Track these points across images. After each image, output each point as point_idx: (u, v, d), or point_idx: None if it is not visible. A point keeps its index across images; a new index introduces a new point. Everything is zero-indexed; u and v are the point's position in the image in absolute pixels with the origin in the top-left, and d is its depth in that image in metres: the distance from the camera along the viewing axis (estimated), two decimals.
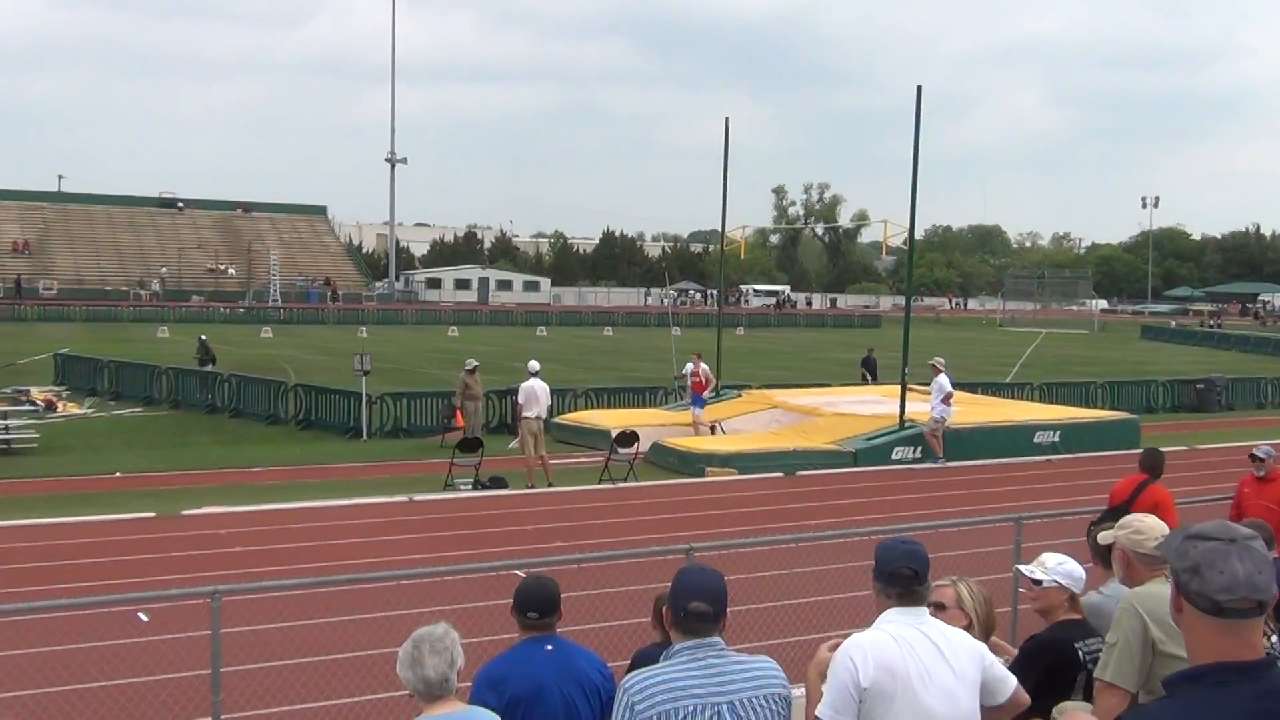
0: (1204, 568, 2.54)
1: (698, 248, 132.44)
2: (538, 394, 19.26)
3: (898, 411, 22.09)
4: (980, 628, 4.63)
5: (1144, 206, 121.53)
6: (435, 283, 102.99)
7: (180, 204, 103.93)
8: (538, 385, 19.39)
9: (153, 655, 9.46)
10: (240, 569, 12.57)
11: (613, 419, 23.72)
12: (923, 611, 4.02)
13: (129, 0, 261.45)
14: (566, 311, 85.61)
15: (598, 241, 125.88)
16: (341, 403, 25.12)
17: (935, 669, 3.87)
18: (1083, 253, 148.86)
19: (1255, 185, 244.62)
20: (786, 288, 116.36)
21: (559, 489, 18.63)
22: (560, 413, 25.29)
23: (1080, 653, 4.85)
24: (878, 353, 34.26)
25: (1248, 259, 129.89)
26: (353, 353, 26.10)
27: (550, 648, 4.75)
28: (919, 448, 21.76)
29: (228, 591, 6.77)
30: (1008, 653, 5.07)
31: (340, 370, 32.41)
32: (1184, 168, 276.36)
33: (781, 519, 16.18)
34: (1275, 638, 4.13)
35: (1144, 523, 4.99)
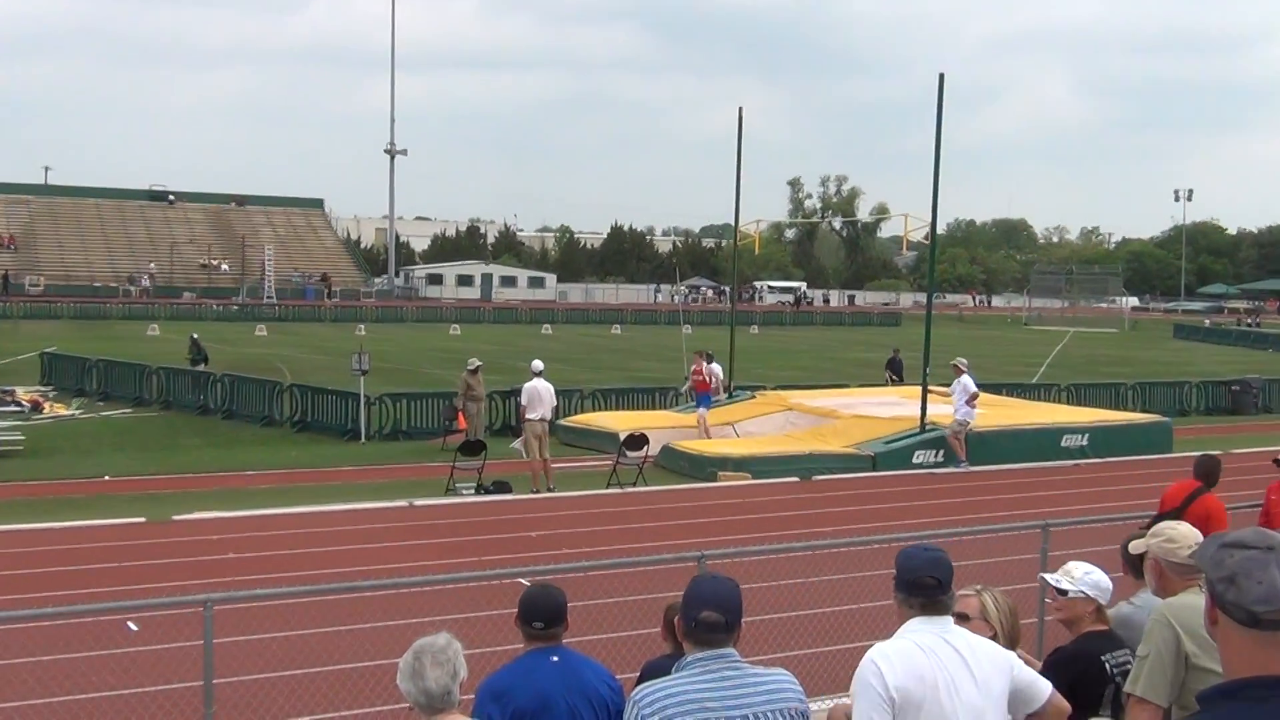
0: (1241, 577, 2.52)
1: (710, 243, 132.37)
2: (542, 395, 19.26)
3: (918, 413, 22.05)
4: (1005, 639, 4.62)
5: (1176, 200, 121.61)
6: (436, 279, 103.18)
7: (172, 197, 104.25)
8: (542, 386, 19.39)
9: (143, 666, 9.48)
10: (234, 577, 12.60)
11: (621, 421, 23.72)
12: (947, 621, 4.01)
13: None
14: (573, 309, 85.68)
15: (605, 236, 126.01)
16: (339, 404, 25.15)
17: (961, 680, 3.87)
18: (1112, 248, 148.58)
19: None
20: (803, 284, 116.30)
21: (565, 494, 18.63)
22: (566, 414, 25.27)
23: (1108, 665, 4.84)
24: (901, 353, 34.19)
25: None
26: (350, 352, 26.13)
27: (556, 659, 4.75)
28: (941, 451, 21.72)
29: (220, 600, 6.78)
30: (1033, 665, 5.06)
31: (338, 370, 32.45)
32: (1219, 159, 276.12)
33: (797, 525, 16.16)
34: None
35: (1177, 530, 4.97)
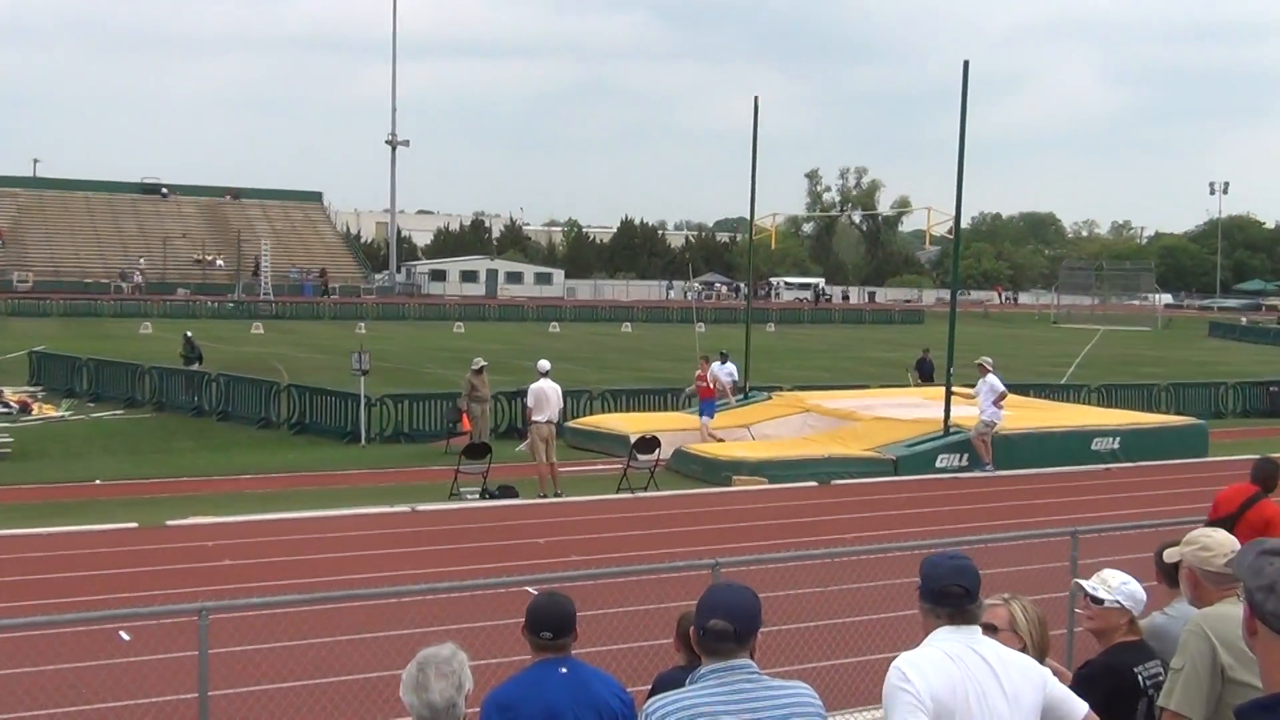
0: None
1: (724, 237, 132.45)
2: (549, 396, 19.27)
3: (942, 415, 22.01)
4: (1034, 651, 4.61)
5: (1212, 192, 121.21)
6: (439, 275, 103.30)
7: (165, 190, 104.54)
8: (549, 386, 19.40)
9: (135, 677, 9.51)
10: (229, 584, 12.62)
11: (632, 423, 23.72)
12: (975, 631, 4.01)
13: None
14: (581, 306, 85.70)
15: (615, 230, 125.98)
16: (338, 405, 25.20)
17: (991, 692, 3.86)
18: (1144, 243, 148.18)
19: None
20: (821, 280, 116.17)
21: (574, 498, 18.64)
22: (574, 416, 25.29)
23: (1140, 678, 4.83)
24: (915, 357, 33.98)
25: None
26: (350, 351, 26.18)
27: (565, 671, 4.75)
28: (965, 455, 21.68)
29: (216, 609, 6.80)
30: (1063, 677, 5.05)
31: (337, 370, 32.51)
32: (1256, 150, 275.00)
33: (815, 532, 16.15)
34: None
35: (1212, 538, 4.96)
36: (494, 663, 7.47)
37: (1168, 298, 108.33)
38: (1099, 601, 4.99)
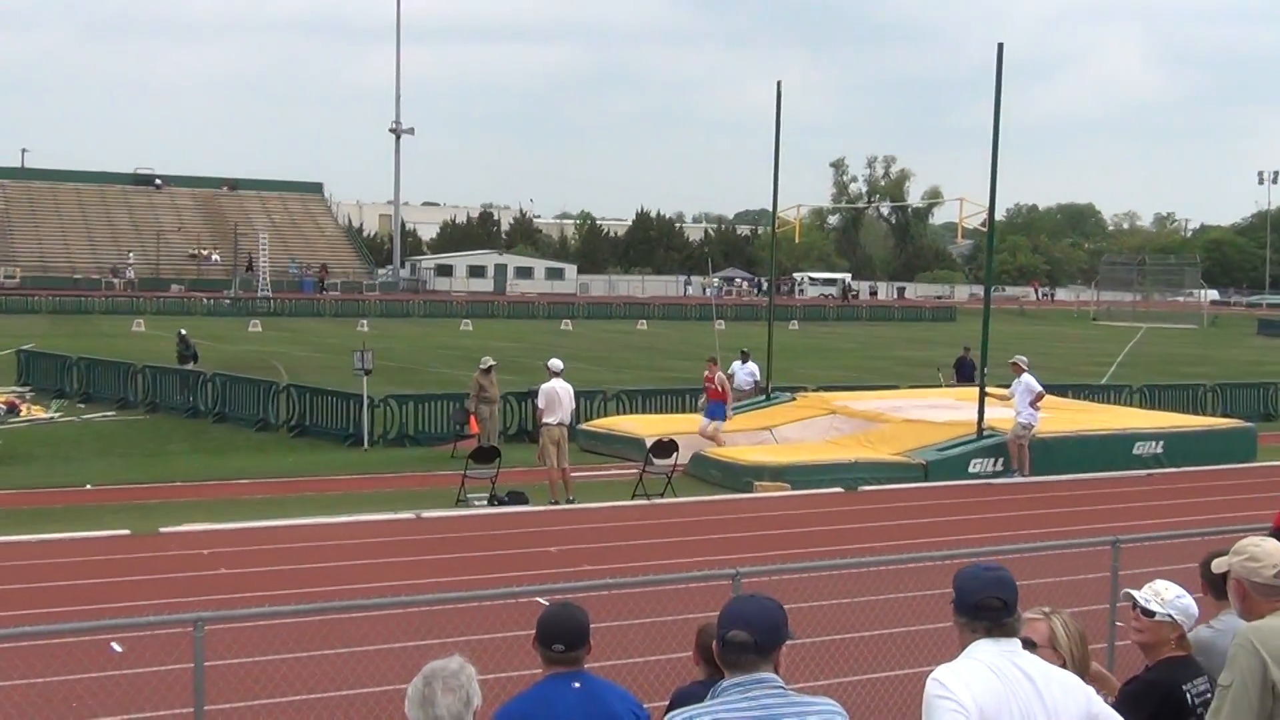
0: None
1: (745, 230, 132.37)
2: (561, 397, 19.28)
3: (975, 417, 21.96)
4: (1074, 668, 4.60)
5: (1261, 182, 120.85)
6: (446, 270, 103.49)
7: (158, 181, 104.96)
8: (561, 387, 19.41)
9: (128, 691, 9.54)
10: (226, 594, 12.67)
11: (648, 426, 23.71)
12: (1015, 643, 4.00)
13: None
14: (595, 303, 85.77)
15: (630, 223, 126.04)
16: (340, 406, 25.26)
17: (1032, 707, 3.85)
18: (1189, 235, 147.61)
19: None
20: (847, 275, 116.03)
21: (586, 505, 18.65)
22: (587, 418, 25.29)
23: (1189, 695, 4.81)
24: (950, 355, 33.89)
25: None
26: (352, 349, 26.23)
27: (578, 685, 4.75)
28: (1000, 459, 21.63)
29: (212, 619, 6.82)
30: (1110, 685, 5.03)
31: (338, 369, 32.59)
32: None
33: (841, 540, 16.13)
34: None
35: (1261, 547, 4.95)
36: (503, 677, 7.48)
37: (1214, 294, 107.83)
38: (1150, 614, 4.96)
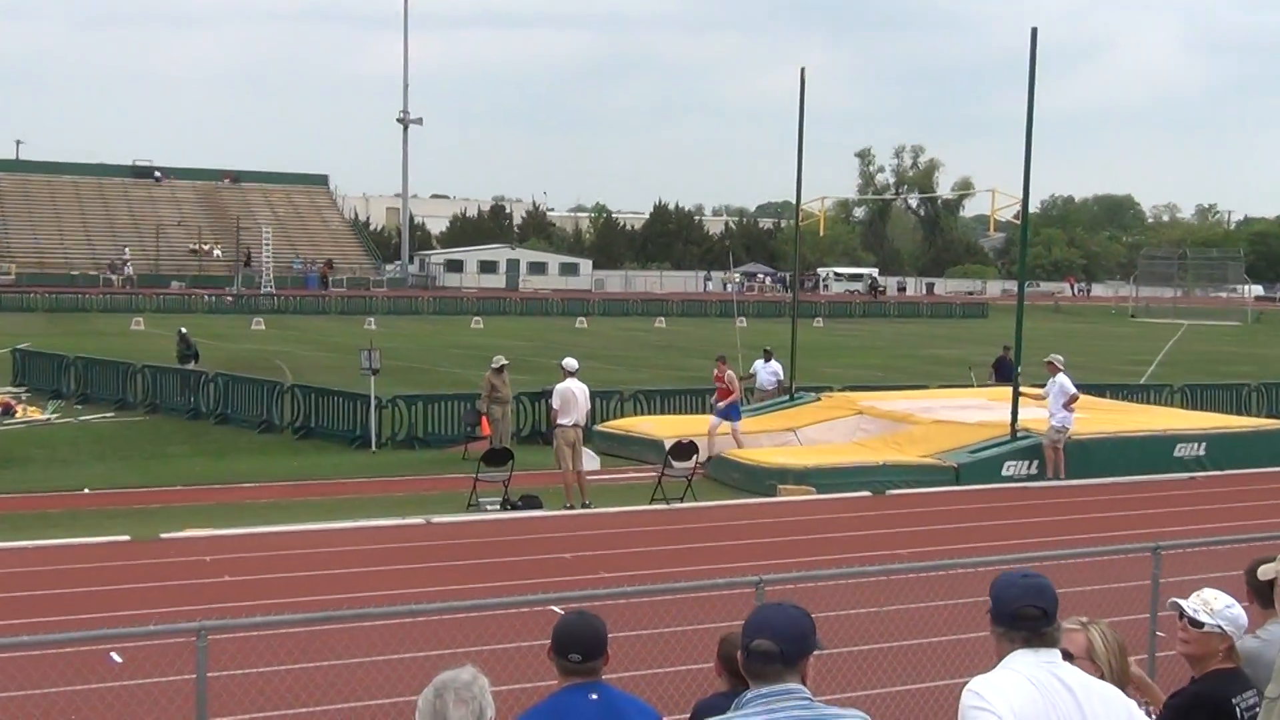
0: None
1: (767, 223, 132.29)
2: (576, 397, 19.29)
3: (1009, 418, 21.90)
4: (1112, 681, 4.58)
5: None
6: (456, 265, 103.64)
7: (158, 174, 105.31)
8: (576, 387, 19.42)
9: (128, 702, 9.57)
10: (229, 603, 12.69)
11: (666, 427, 23.71)
12: (1055, 654, 3.98)
13: None
14: (611, 299, 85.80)
15: (648, 216, 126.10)
16: (346, 407, 25.33)
17: None
18: (1233, 228, 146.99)
19: None
20: (874, 270, 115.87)
21: (603, 510, 18.65)
22: (603, 419, 25.31)
23: (1238, 709, 4.79)
24: (982, 353, 33.77)
25: None
26: (359, 348, 26.29)
27: (595, 697, 4.75)
28: (1035, 461, 21.56)
29: (215, 628, 6.83)
30: (1154, 695, 5.01)
31: (344, 369, 32.66)
32: None
33: (869, 546, 16.09)
34: None
35: None
36: (517, 688, 7.49)
37: (1259, 289, 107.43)
38: (1198, 625, 4.92)
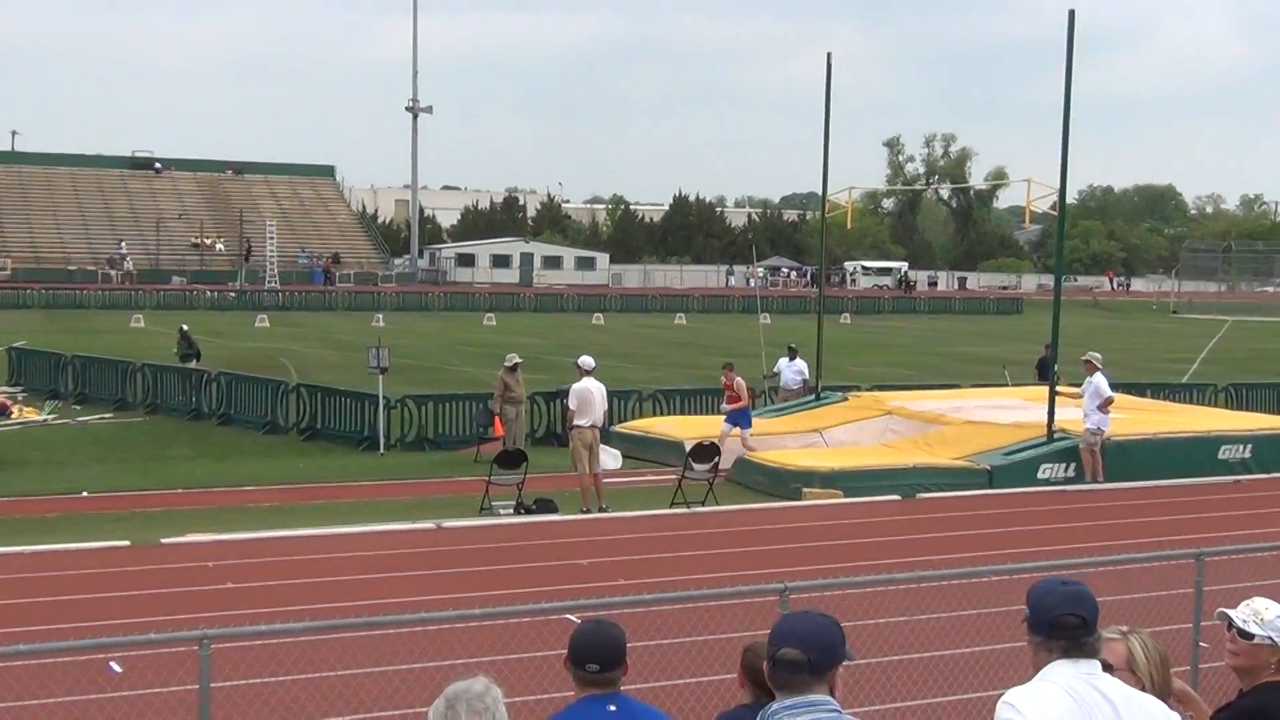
0: None
1: (792, 215, 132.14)
2: (593, 397, 19.29)
3: (1045, 418, 21.84)
4: (1153, 693, 4.57)
5: None
6: (467, 259, 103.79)
7: (158, 165, 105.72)
8: (593, 386, 19.42)
9: (128, 713, 9.61)
10: (232, 610, 12.74)
11: (687, 428, 23.70)
12: (1095, 665, 3.97)
13: None
14: (628, 295, 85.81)
15: (667, 208, 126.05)
16: (353, 407, 25.37)
17: None
18: (1279, 219, 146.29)
19: None
20: (904, 264, 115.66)
21: (621, 514, 18.67)
22: (621, 420, 25.31)
23: None
24: (1016, 350, 33.67)
25: None
26: (367, 346, 26.34)
27: (614, 709, 4.76)
28: (1072, 464, 21.50)
29: (218, 636, 6.86)
30: (1199, 709, 4.98)
31: (352, 368, 32.73)
32: None
33: (898, 552, 16.06)
34: None
35: None
36: (532, 699, 7.50)
37: None
38: (1248, 636, 4.88)
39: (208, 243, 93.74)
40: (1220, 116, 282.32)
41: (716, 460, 19.65)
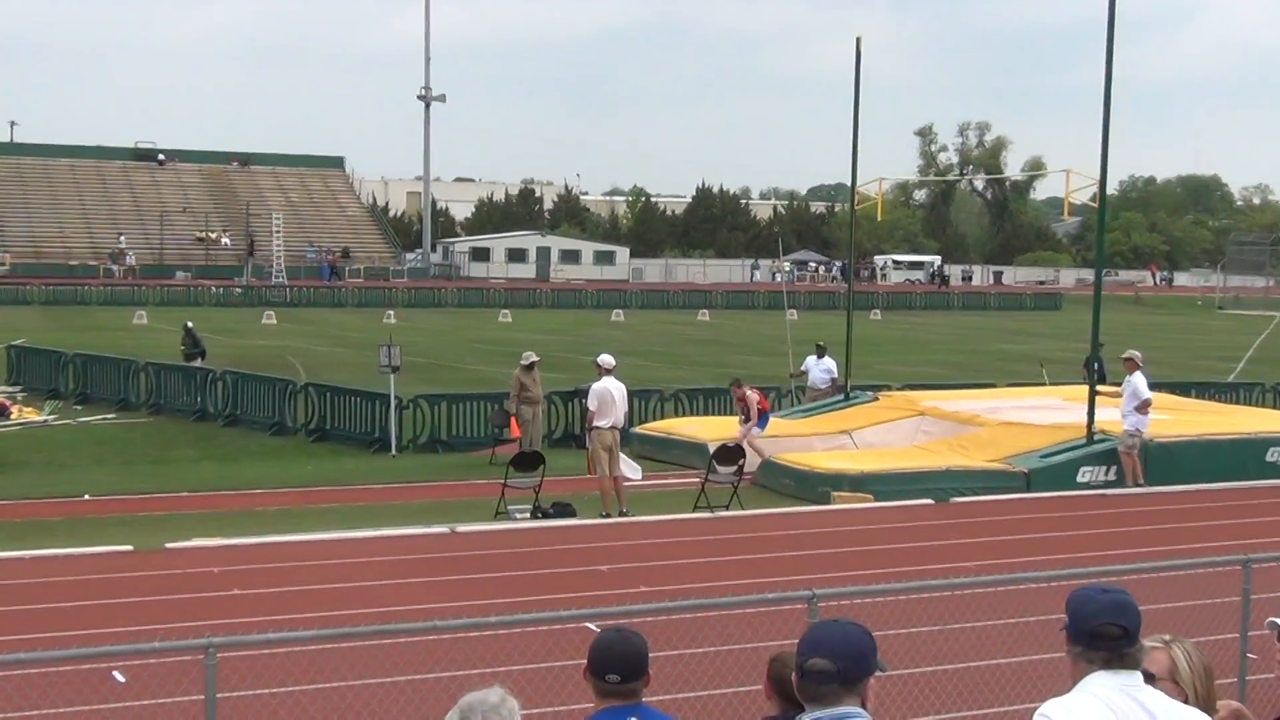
0: None
1: (820, 207, 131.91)
2: (614, 397, 19.30)
3: (1084, 420, 21.78)
4: (1196, 705, 4.56)
5: None
6: (482, 254, 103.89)
7: (161, 156, 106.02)
8: (613, 386, 19.43)
9: None
10: (239, 618, 12.77)
11: (710, 429, 23.70)
12: (1136, 676, 3.96)
13: None
14: (649, 290, 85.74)
15: (690, 200, 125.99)
16: (364, 407, 25.41)
17: None
18: None
19: None
20: (937, 258, 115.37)
21: (642, 518, 18.68)
22: (642, 420, 25.32)
23: None
24: (1055, 348, 33.55)
25: None
26: (378, 344, 26.38)
27: None
28: (1113, 467, 21.44)
29: (224, 645, 6.89)
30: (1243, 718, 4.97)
31: (362, 366, 32.78)
32: None
33: (932, 559, 16.05)
34: None
35: None
36: (549, 711, 7.51)
37: None
38: None
39: (213, 237, 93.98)
40: (1267, 104, 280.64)
41: (741, 463, 19.65)
